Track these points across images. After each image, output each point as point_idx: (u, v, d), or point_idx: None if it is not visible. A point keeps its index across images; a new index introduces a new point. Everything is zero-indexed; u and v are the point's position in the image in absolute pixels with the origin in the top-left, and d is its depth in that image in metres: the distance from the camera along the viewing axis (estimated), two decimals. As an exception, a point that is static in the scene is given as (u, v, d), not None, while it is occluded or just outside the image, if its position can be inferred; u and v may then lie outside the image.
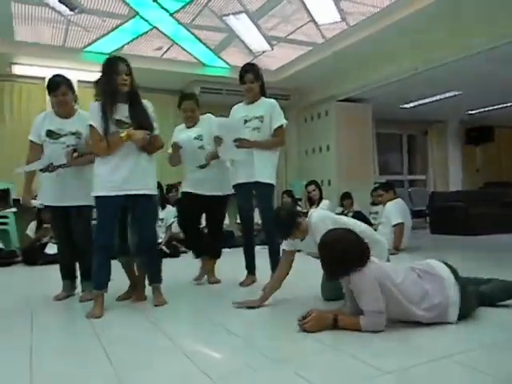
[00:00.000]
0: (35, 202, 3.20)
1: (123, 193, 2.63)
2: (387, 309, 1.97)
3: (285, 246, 2.70)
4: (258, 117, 3.19)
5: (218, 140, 3.14)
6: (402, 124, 9.16)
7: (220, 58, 6.14)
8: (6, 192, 5.80)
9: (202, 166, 3.30)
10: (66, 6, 4.34)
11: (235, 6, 4.56)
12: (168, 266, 3.13)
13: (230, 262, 3.90)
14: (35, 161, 2.99)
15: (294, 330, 2.03)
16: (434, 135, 9.60)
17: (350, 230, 2.19)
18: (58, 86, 2.99)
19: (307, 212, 2.69)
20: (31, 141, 3.07)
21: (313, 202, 5.80)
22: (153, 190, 2.77)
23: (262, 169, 3.16)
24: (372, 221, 5.81)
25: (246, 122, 3.20)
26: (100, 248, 2.64)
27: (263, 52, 5.91)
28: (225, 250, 3.76)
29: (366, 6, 4.64)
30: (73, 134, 3.02)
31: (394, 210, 5.01)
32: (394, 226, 4.95)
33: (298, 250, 2.70)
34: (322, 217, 2.56)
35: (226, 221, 4.70)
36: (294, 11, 4.74)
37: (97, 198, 2.65)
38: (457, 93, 6.87)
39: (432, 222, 7.46)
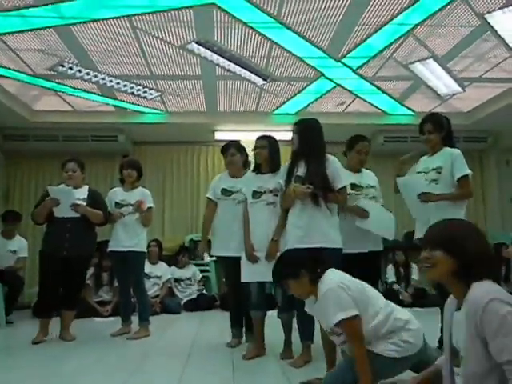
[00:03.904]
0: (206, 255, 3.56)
1: None
2: None
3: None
4: (436, 168, 2.97)
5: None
6: None
7: (404, 105, 5.94)
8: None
9: None
10: (260, 76, 4.85)
11: (422, 52, 4.40)
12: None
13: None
14: (211, 219, 3.47)
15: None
16: None
17: None
18: (228, 147, 3.41)
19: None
20: (208, 198, 3.49)
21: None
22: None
23: None
24: None
25: (424, 174, 3.01)
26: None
27: (453, 95, 5.50)
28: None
29: None
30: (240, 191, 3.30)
31: None
32: None
33: None
34: (336, 284, 2.08)
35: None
36: (491, 48, 4.31)
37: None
38: None
39: None
